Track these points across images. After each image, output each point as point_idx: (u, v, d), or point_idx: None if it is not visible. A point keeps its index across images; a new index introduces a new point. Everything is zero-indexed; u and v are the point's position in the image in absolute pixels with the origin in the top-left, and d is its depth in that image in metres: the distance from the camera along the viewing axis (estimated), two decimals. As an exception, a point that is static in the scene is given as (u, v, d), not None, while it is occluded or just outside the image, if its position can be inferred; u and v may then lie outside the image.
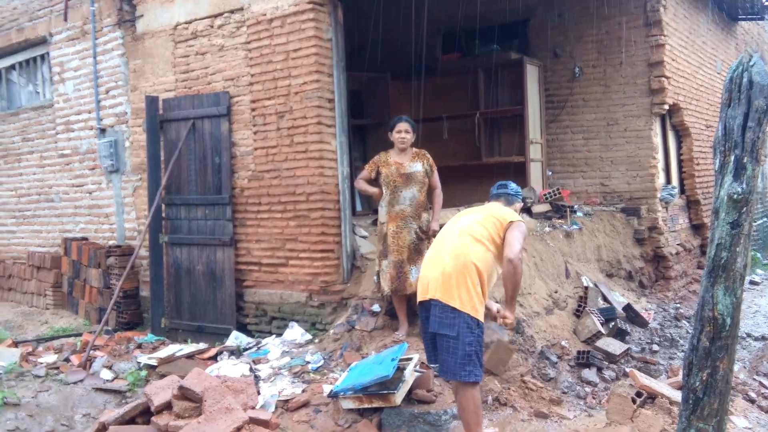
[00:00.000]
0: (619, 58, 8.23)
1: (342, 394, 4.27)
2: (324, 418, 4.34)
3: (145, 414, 4.20)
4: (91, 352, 5.90)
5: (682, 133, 8.96)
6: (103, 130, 8.14)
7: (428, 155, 5.61)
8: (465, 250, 3.84)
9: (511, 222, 3.97)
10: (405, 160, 5.53)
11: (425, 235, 5.50)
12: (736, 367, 3.55)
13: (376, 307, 5.78)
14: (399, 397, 4.14)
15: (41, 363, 5.86)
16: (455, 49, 9.27)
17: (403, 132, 5.52)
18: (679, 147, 9.04)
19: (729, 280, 2.63)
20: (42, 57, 9.19)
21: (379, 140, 7.71)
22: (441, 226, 5.46)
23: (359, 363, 4.76)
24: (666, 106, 8.12)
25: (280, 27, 6.25)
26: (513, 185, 4.44)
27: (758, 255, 11.57)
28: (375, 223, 6.17)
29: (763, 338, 7.06)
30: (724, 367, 2.68)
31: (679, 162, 9.05)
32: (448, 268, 3.80)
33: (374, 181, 5.66)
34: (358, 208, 8.16)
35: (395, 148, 5.59)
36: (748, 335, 7.16)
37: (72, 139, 8.60)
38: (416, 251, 5.43)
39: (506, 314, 3.99)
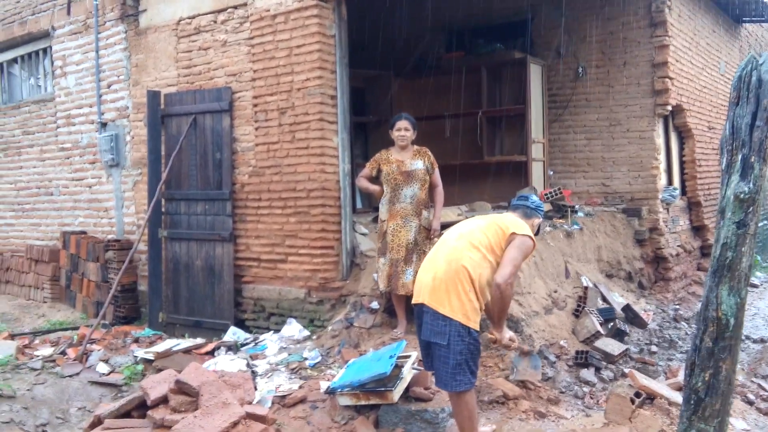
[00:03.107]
0: (623, 59, 8.21)
1: (339, 390, 4.25)
2: (321, 415, 4.32)
3: (141, 408, 4.18)
4: (88, 345, 5.88)
5: (684, 135, 8.93)
6: (104, 125, 8.11)
7: (429, 153, 5.59)
8: (459, 255, 3.69)
9: (514, 233, 3.75)
10: (406, 157, 5.52)
11: (426, 233, 5.48)
12: (736, 369, 3.52)
13: (374, 305, 5.76)
14: (396, 394, 4.12)
15: (37, 356, 5.84)
16: (458, 47, 9.25)
17: (402, 130, 5.51)
18: (681, 148, 9.01)
19: (734, 280, 2.60)
20: (44, 50, 9.16)
21: (381, 138, 7.70)
22: (442, 226, 5.49)
23: (357, 360, 4.74)
24: (669, 107, 8.09)
25: (284, 23, 6.22)
26: (534, 198, 4.13)
27: (758, 258, 11.55)
28: (375, 220, 6.15)
29: (761, 341, 7.04)
30: (726, 367, 2.65)
31: (681, 163, 9.02)
32: (440, 273, 3.67)
33: (375, 179, 5.65)
34: (359, 205, 8.14)
35: (396, 145, 5.58)
36: (747, 337, 7.14)
37: (72, 133, 8.57)
38: (413, 251, 5.41)
39: (494, 334, 3.98)
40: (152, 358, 5.48)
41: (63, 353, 5.89)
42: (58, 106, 8.74)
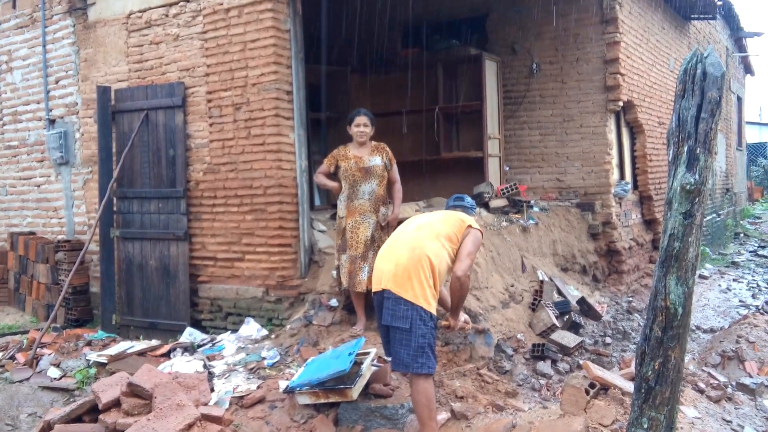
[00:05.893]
0: (576, 55, 8.34)
1: (298, 389, 4.21)
2: (279, 414, 4.28)
3: (92, 412, 4.07)
4: (38, 349, 5.69)
5: (635, 130, 9.13)
6: (52, 121, 7.88)
7: (387, 149, 5.58)
8: (421, 244, 3.93)
9: (470, 226, 4.16)
10: (364, 153, 5.50)
11: (383, 230, 5.47)
12: (685, 359, 3.62)
13: (333, 302, 5.73)
14: (356, 391, 4.11)
15: (-15, 361, 5.64)
16: (415, 43, 9.26)
17: (362, 126, 5.49)
18: (632, 143, 9.22)
19: (681, 270, 2.66)
20: (-13, 45, 8.85)
21: (338, 134, 7.65)
22: (399, 222, 5.49)
23: (316, 358, 4.71)
24: (620, 103, 8.26)
25: (237, 17, 6.12)
26: (469, 199, 4.67)
27: (707, 250, 11.89)
28: (334, 217, 6.12)
29: (711, 330, 7.25)
30: (675, 356, 2.71)
31: (633, 158, 9.22)
32: (403, 260, 3.87)
33: (333, 175, 5.62)
34: (317, 202, 8.08)
35: (354, 141, 5.55)
36: (698, 327, 7.35)
37: (19, 131, 8.30)
38: (370, 248, 5.40)
39: (449, 321, 4.41)
40: (105, 362, 5.34)
41: (12, 358, 5.69)
42: (4, 103, 8.45)
